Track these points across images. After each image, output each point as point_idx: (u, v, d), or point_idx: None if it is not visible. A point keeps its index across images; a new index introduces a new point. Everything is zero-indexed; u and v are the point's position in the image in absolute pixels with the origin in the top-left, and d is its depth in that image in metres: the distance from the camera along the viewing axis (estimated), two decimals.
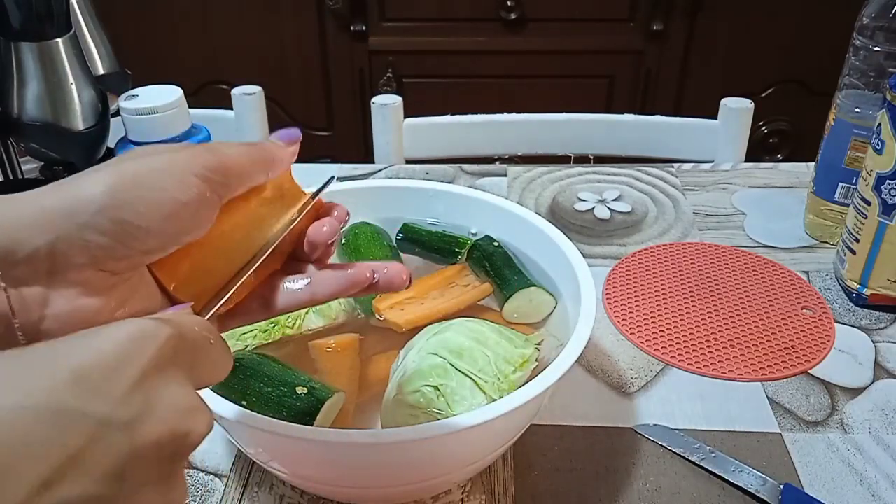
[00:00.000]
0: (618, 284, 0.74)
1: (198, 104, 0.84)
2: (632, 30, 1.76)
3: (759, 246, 0.81)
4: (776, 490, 0.52)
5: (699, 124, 1.09)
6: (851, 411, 0.60)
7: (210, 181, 0.33)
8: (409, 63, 1.80)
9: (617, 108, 1.80)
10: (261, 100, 1.10)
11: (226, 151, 0.35)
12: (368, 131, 1.09)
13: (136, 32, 1.76)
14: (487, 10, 1.73)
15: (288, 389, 0.50)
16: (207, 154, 0.34)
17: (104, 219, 0.31)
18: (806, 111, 1.74)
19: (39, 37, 0.59)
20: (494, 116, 1.11)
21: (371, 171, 0.96)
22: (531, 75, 1.80)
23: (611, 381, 0.63)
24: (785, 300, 0.72)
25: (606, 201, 0.89)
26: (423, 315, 0.57)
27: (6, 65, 0.60)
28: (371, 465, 0.46)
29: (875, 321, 0.70)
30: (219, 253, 0.36)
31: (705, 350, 0.66)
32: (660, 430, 0.58)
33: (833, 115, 0.76)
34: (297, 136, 0.38)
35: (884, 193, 0.66)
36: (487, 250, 0.62)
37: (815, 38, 1.71)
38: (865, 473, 0.55)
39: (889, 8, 0.69)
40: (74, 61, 0.61)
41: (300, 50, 1.80)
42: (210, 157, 0.34)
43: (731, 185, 0.92)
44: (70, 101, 0.62)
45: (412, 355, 0.51)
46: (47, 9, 0.59)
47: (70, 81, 0.61)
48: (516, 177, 0.94)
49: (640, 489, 0.54)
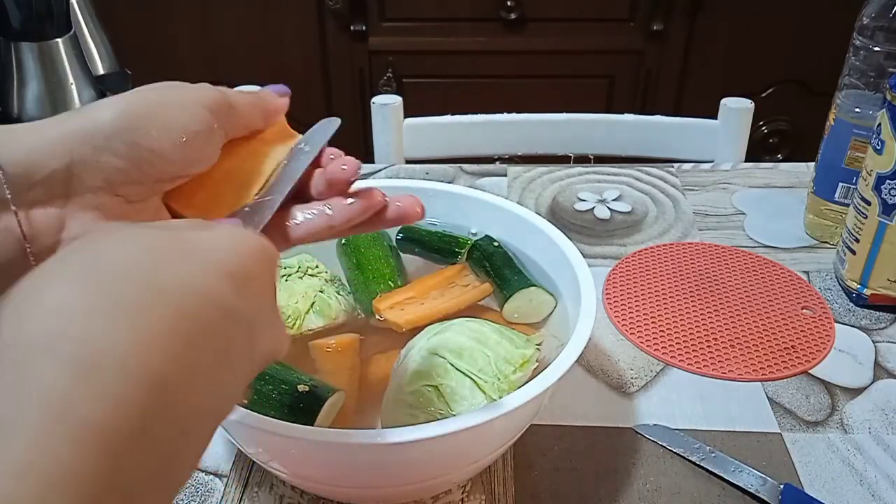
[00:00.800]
0: (618, 284, 0.74)
1: None
2: (632, 30, 1.76)
3: (759, 246, 0.81)
4: (776, 490, 0.52)
5: (699, 124, 1.09)
6: (851, 411, 0.60)
7: (217, 115, 0.36)
8: (409, 63, 1.80)
9: (617, 108, 1.80)
10: None
11: (231, 94, 0.37)
12: (368, 131, 1.09)
13: (136, 32, 1.76)
14: (487, 10, 1.73)
15: (289, 388, 0.50)
16: (216, 92, 0.36)
17: (119, 142, 0.32)
18: (806, 111, 1.73)
19: (39, 37, 0.60)
20: (494, 116, 1.11)
21: (371, 171, 0.96)
22: (531, 75, 1.80)
23: (611, 381, 0.63)
24: (785, 300, 0.72)
25: (606, 201, 0.89)
26: (424, 315, 0.57)
27: (6, 65, 0.60)
28: (371, 465, 0.46)
29: (875, 321, 0.70)
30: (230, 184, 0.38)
31: (705, 350, 0.66)
32: (660, 430, 0.58)
33: (833, 115, 0.76)
34: (286, 91, 0.41)
35: (884, 193, 0.66)
36: (487, 250, 0.62)
37: (815, 38, 1.71)
38: (865, 473, 0.55)
39: (889, 8, 0.69)
40: (74, 61, 0.62)
41: (300, 50, 1.80)
42: (218, 95, 0.36)
43: (731, 185, 0.92)
44: (70, 101, 0.62)
45: (413, 355, 0.51)
46: (47, 9, 0.59)
47: (70, 81, 0.61)
48: (516, 177, 0.94)
49: (640, 489, 0.54)
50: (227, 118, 0.37)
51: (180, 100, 0.35)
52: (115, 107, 0.33)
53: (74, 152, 0.31)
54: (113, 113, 0.32)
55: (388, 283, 0.60)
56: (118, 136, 0.32)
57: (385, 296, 0.59)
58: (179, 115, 0.34)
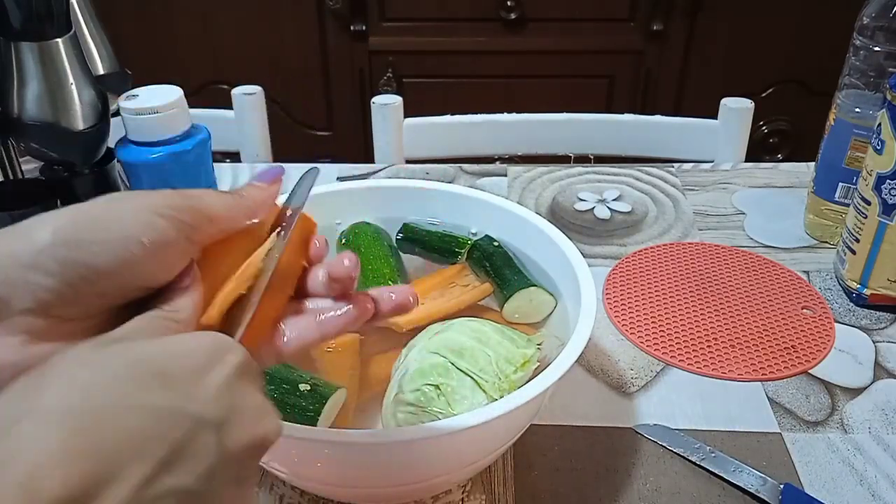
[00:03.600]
0: (618, 284, 0.74)
1: (198, 104, 0.84)
2: (632, 30, 1.76)
3: (759, 246, 0.81)
4: (776, 490, 0.52)
5: (699, 124, 1.09)
6: (851, 411, 0.60)
7: (176, 222, 0.31)
8: (409, 63, 1.80)
9: (617, 108, 1.80)
10: (261, 100, 1.10)
11: (202, 197, 0.33)
12: (368, 131, 1.09)
13: (136, 32, 1.76)
14: (487, 10, 1.73)
15: (291, 387, 0.50)
16: (178, 197, 0.32)
17: (49, 258, 0.28)
18: (806, 111, 1.74)
19: (39, 37, 0.59)
20: (494, 116, 1.11)
21: (371, 171, 0.96)
22: (531, 75, 1.80)
23: (611, 381, 0.63)
24: (785, 300, 0.72)
25: (606, 201, 0.89)
26: (424, 315, 0.57)
27: (6, 65, 0.60)
28: (371, 465, 0.46)
29: (875, 321, 0.70)
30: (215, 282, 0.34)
31: (705, 350, 0.66)
32: (660, 430, 0.58)
33: (833, 115, 0.77)
34: (279, 174, 0.37)
35: (884, 193, 0.66)
36: (487, 250, 0.62)
37: (815, 38, 1.71)
38: (865, 473, 0.55)
39: (889, 8, 0.69)
40: (74, 61, 0.61)
41: (300, 50, 1.80)
42: (180, 200, 0.32)
43: (731, 185, 0.92)
44: (70, 101, 0.62)
45: (413, 354, 0.51)
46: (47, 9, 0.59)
47: (70, 81, 0.61)
48: (516, 177, 0.94)
49: (640, 489, 0.54)
50: (194, 226, 0.32)
51: (131, 208, 0.30)
52: (53, 222, 0.29)
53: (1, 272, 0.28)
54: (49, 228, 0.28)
55: (388, 283, 0.60)
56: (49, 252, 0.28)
57: None
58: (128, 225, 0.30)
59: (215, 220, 0.33)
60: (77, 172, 0.66)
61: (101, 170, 0.66)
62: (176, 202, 0.31)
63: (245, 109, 1.09)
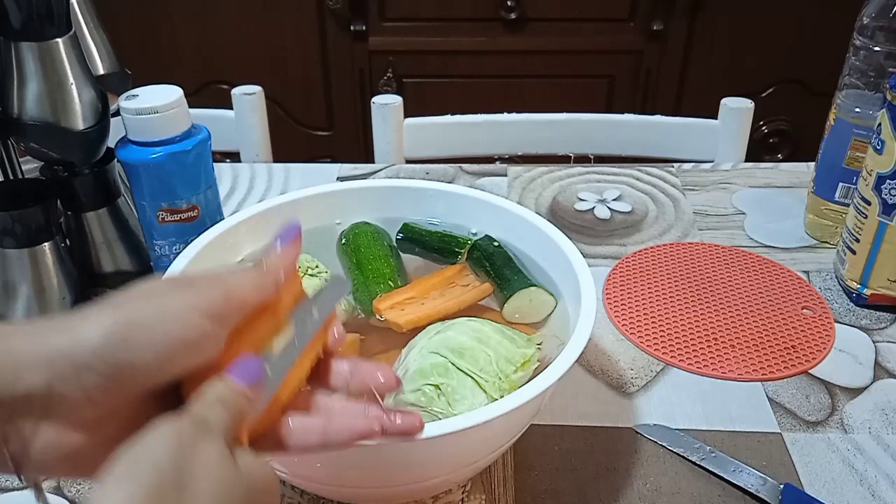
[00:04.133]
0: (618, 284, 0.74)
1: (198, 104, 0.84)
2: (632, 30, 1.76)
3: (759, 246, 0.81)
4: (776, 490, 0.52)
5: (699, 124, 1.09)
6: (851, 411, 0.60)
7: (214, 318, 0.34)
8: (409, 63, 1.80)
9: (617, 108, 1.80)
10: (261, 100, 1.10)
11: (232, 281, 0.35)
12: (368, 131, 1.09)
13: (136, 32, 1.76)
14: (487, 10, 1.73)
15: None
16: (219, 297, 0.34)
17: (101, 361, 0.31)
18: (806, 111, 1.73)
19: (39, 37, 0.59)
20: (495, 116, 1.11)
21: (371, 171, 0.96)
22: (531, 75, 1.80)
23: (611, 381, 0.63)
24: (785, 300, 0.72)
25: (606, 201, 0.89)
26: (424, 315, 0.57)
27: (6, 65, 0.60)
28: (371, 465, 0.46)
29: (875, 321, 0.70)
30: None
31: (705, 350, 0.66)
32: (660, 430, 0.58)
33: (833, 115, 0.77)
34: (296, 234, 0.39)
35: (884, 193, 0.66)
36: (487, 250, 0.62)
37: (815, 38, 1.71)
38: (865, 473, 0.55)
39: (889, 8, 0.69)
40: (74, 61, 0.61)
41: (300, 50, 1.80)
42: (221, 301, 0.34)
43: (731, 185, 0.92)
44: (70, 101, 0.61)
45: (414, 354, 0.51)
46: (47, 9, 0.59)
47: (70, 81, 0.61)
48: (516, 177, 0.94)
49: (640, 489, 0.54)
50: (228, 316, 0.34)
51: (174, 308, 0.33)
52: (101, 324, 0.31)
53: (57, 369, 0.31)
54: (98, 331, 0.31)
55: (388, 283, 0.60)
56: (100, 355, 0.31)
57: (385, 296, 0.59)
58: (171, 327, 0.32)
59: (247, 303, 0.35)
60: (77, 172, 0.66)
61: (101, 170, 0.66)
62: (218, 303, 0.34)
63: (245, 109, 1.09)
